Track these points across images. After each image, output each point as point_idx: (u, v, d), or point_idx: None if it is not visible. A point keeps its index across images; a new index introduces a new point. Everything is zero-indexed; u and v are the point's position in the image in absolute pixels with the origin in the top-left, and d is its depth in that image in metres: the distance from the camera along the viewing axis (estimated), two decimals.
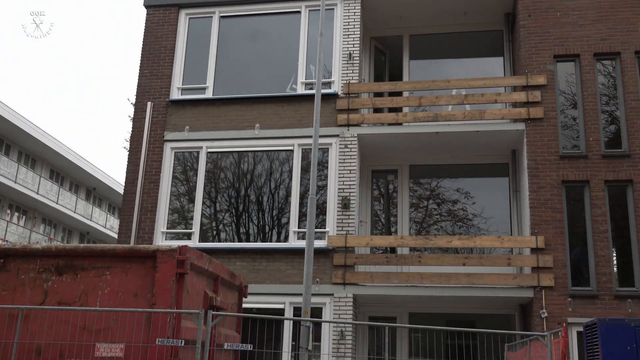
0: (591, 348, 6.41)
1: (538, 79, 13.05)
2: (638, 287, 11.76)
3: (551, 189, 12.47)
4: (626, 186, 12.35)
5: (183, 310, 6.93)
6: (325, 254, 12.79)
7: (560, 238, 12.19)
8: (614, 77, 13.08)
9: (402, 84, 14.30)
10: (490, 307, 13.27)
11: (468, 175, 14.70)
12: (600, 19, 13.23)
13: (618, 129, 12.81)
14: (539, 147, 12.73)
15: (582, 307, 11.75)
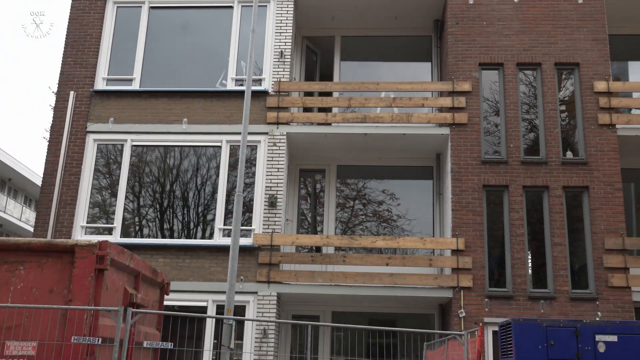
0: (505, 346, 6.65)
1: (463, 86, 13.43)
2: (550, 289, 12.29)
3: (472, 192, 12.85)
4: (542, 192, 12.88)
5: (101, 307, 6.72)
6: (251, 252, 12.72)
7: (480, 240, 12.58)
8: (535, 87, 13.61)
9: (332, 85, 14.41)
10: (411, 306, 13.56)
11: (394, 177, 14.96)
12: (524, 30, 13.74)
13: (537, 137, 13.34)
14: (462, 152, 13.10)
15: (498, 308, 12.17)
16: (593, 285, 12.24)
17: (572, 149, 13.18)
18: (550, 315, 11.95)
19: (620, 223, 12.49)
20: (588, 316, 11.92)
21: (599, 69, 13.38)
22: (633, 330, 6.28)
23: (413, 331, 9.63)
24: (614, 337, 6.21)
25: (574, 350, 6.18)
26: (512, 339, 6.36)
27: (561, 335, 6.24)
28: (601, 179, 12.75)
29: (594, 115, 13.11)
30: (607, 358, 6.14)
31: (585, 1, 13.79)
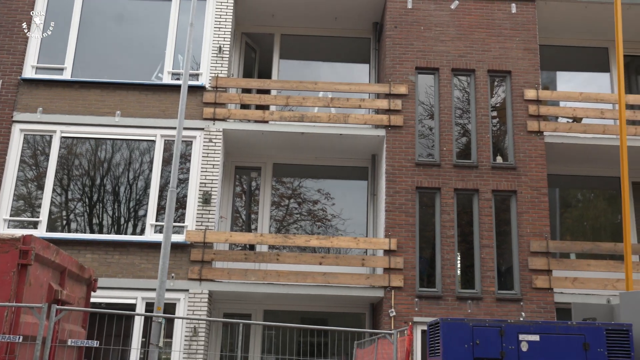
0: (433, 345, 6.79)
1: (400, 89, 13.63)
2: (478, 290, 12.63)
3: (406, 194, 13.07)
4: (473, 195, 13.23)
5: (23, 304, 6.46)
6: (183, 249, 12.53)
7: (412, 241, 12.81)
8: (468, 93, 13.96)
9: (270, 82, 14.35)
10: (343, 305, 13.68)
11: (330, 177, 15.05)
12: (459, 37, 14.07)
13: (469, 141, 13.69)
14: (397, 154, 13.30)
15: (427, 307, 12.42)
16: (518, 286, 12.65)
17: (502, 154, 13.59)
18: (477, 315, 12.28)
19: (545, 227, 12.96)
20: (513, 316, 12.33)
21: (530, 77, 13.85)
22: (554, 330, 6.52)
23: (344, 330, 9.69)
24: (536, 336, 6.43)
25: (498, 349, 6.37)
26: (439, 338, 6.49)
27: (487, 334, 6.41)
28: (528, 184, 13.20)
29: (524, 122, 13.56)
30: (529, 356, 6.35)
31: (518, 11, 14.24)
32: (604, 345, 6.37)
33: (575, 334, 6.44)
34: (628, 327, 6.48)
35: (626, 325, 6.50)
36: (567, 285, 12.66)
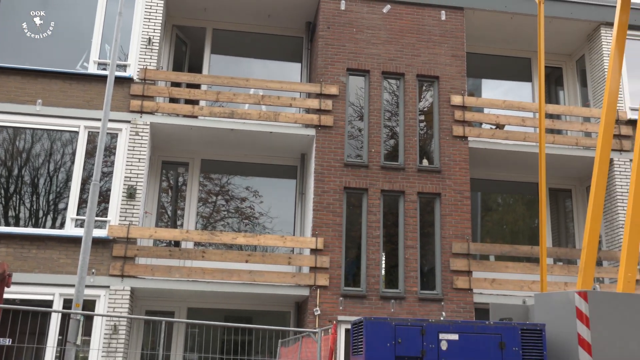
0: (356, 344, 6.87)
1: (331, 89, 13.72)
2: (401, 289, 12.88)
3: (334, 194, 13.17)
4: (399, 196, 13.47)
5: None
6: (105, 244, 12.17)
7: (338, 241, 12.92)
8: (398, 96, 14.21)
9: (201, 77, 14.14)
10: (269, 304, 13.64)
11: (258, 175, 14.97)
12: (390, 40, 14.30)
13: (396, 143, 13.93)
14: (326, 154, 13.39)
15: (352, 306, 12.56)
16: (440, 286, 12.98)
17: (428, 158, 13.91)
18: (400, 314, 12.52)
19: (467, 229, 13.36)
20: (434, 316, 12.63)
21: (456, 83, 14.24)
22: (472, 329, 6.72)
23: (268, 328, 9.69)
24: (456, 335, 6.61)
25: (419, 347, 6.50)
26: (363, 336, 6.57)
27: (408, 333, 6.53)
28: (452, 187, 13.56)
29: (449, 127, 13.92)
30: (448, 355, 6.52)
31: (448, 19, 14.61)
32: (518, 344, 6.61)
33: (492, 334, 6.65)
34: (541, 327, 6.75)
35: (540, 325, 6.78)
36: (486, 286, 13.09)
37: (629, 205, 7.95)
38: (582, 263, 8.24)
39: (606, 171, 8.66)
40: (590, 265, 8.16)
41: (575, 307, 6.60)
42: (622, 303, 6.85)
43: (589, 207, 8.42)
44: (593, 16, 15.10)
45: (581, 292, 6.68)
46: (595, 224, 8.30)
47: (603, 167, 8.56)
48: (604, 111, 8.83)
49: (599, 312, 6.60)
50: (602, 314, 6.62)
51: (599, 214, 8.38)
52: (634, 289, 7.69)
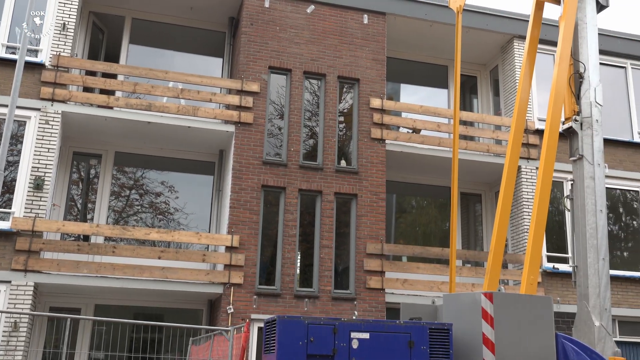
0: (269, 342, 6.84)
1: (252, 86, 13.63)
2: (315, 288, 12.96)
3: (251, 191, 13.09)
4: (316, 196, 13.55)
5: None
6: (7, 237, 11.58)
7: (254, 239, 12.85)
8: (318, 96, 14.29)
9: (118, 67, 13.70)
10: (181, 301, 13.40)
11: (175, 170, 14.68)
12: (313, 40, 14.37)
13: (316, 143, 14.01)
14: (245, 151, 13.29)
15: (266, 305, 12.53)
16: (353, 286, 13.16)
17: (346, 159, 14.07)
18: (313, 313, 12.60)
19: (381, 230, 13.61)
20: (346, 315, 12.79)
21: (376, 86, 14.47)
22: (383, 328, 6.84)
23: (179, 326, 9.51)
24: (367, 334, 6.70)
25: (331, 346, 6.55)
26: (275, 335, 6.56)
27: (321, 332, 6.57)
28: (369, 189, 13.77)
29: (368, 129, 14.13)
30: (359, 353, 6.61)
31: (370, 23, 14.83)
32: (427, 343, 6.78)
33: (402, 332, 6.80)
34: (449, 327, 6.96)
35: (447, 325, 6.98)
36: (397, 286, 13.38)
37: (534, 211, 8.33)
38: (488, 265, 8.56)
39: (514, 178, 9.03)
40: (496, 267, 8.49)
41: (481, 308, 6.84)
42: (524, 304, 7.16)
43: (497, 211, 8.76)
44: (507, 29, 15.73)
45: (487, 293, 6.93)
46: (502, 228, 8.64)
47: (511, 174, 8.92)
48: (514, 120, 9.20)
49: (503, 313, 6.87)
50: (506, 315, 6.90)
51: (506, 218, 8.73)
52: (535, 291, 8.06)
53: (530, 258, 8.06)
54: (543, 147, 8.63)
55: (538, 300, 7.33)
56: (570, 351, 7.16)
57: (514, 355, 6.80)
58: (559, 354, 7.09)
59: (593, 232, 8.60)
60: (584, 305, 8.45)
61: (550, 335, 7.06)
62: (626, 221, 16.11)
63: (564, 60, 9.01)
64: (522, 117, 9.22)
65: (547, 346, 7.01)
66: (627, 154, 15.74)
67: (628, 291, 14.72)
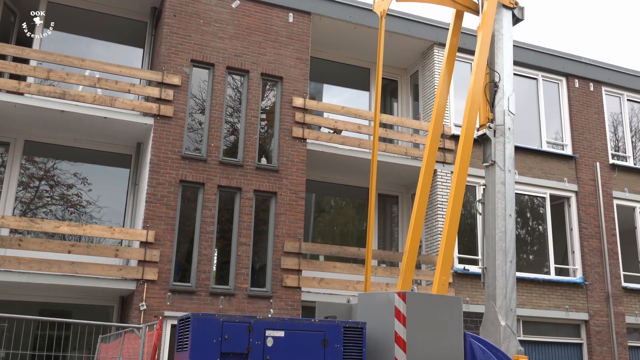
0: (182, 340, 6.72)
1: (173, 79, 13.36)
2: (231, 286, 12.85)
3: (169, 186, 12.83)
4: (235, 193, 13.44)
5: None
6: None
7: (170, 234, 12.60)
8: (241, 92, 14.18)
9: (31, 52, 13.08)
10: (91, 297, 12.96)
11: (89, 161, 14.17)
12: (237, 36, 14.24)
13: (236, 140, 13.89)
14: (164, 145, 13.01)
15: (180, 302, 12.31)
16: (270, 284, 13.14)
17: (267, 156, 14.03)
18: (229, 310, 12.49)
19: (300, 229, 13.65)
20: (262, 313, 12.76)
21: (299, 85, 14.51)
22: (298, 326, 6.86)
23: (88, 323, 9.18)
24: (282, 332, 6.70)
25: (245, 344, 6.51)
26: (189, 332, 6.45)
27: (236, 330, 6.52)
28: (288, 187, 13.79)
29: (290, 127, 14.15)
30: (273, 351, 6.60)
31: (295, 21, 14.85)
32: (340, 341, 6.86)
33: (316, 331, 6.84)
34: (363, 325, 7.07)
35: (361, 324, 7.09)
36: (314, 285, 13.47)
37: (447, 213, 8.58)
38: (403, 266, 8.75)
39: (430, 181, 9.27)
40: (410, 268, 8.69)
41: (394, 307, 6.99)
42: (436, 304, 7.37)
43: (412, 213, 8.97)
44: (428, 36, 16.14)
45: (400, 293, 7.08)
46: (417, 229, 8.85)
47: (427, 177, 9.16)
48: (432, 125, 9.46)
49: (415, 312, 7.04)
50: (418, 314, 7.07)
51: (421, 220, 8.95)
52: (446, 291, 8.31)
53: (442, 259, 8.29)
54: (458, 152, 8.91)
55: (448, 300, 7.55)
56: (477, 349, 7.42)
57: (425, 353, 6.98)
58: (466, 352, 7.34)
59: (502, 236, 8.96)
60: (491, 306, 8.79)
61: (459, 334, 7.29)
62: (532, 226, 16.89)
63: (480, 69, 9.33)
64: (439, 122, 9.48)
65: (455, 345, 7.24)
66: (536, 162, 16.51)
67: (532, 292, 15.44)
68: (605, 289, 16.28)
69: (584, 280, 16.11)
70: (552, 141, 17.17)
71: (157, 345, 8.14)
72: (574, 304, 15.85)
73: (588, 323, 15.91)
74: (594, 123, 17.63)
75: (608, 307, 16.14)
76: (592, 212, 16.80)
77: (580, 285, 16.06)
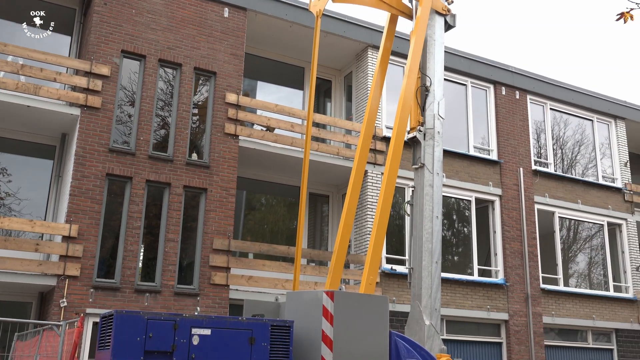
0: (104, 338, 6.54)
1: (102, 69, 12.97)
2: (157, 283, 12.60)
3: (95, 179, 12.45)
4: (164, 188, 13.18)
5: None
6: None
7: (95, 229, 12.23)
8: (173, 86, 13.91)
9: None
10: (8, 293, 12.43)
11: (9, 151, 13.58)
12: (170, 28, 13.96)
13: (167, 134, 13.63)
14: (90, 136, 12.62)
15: (103, 299, 11.97)
16: (197, 281, 12.96)
17: (198, 152, 13.83)
18: (154, 308, 12.24)
19: (229, 226, 13.53)
20: (189, 310, 12.57)
21: (233, 81, 14.37)
22: (224, 324, 6.80)
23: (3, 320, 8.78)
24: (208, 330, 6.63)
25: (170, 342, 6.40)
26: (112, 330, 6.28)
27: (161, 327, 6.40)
28: (219, 184, 13.64)
29: (222, 123, 13.99)
30: (199, 349, 6.52)
31: (230, 17, 14.69)
32: (268, 339, 6.84)
33: (243, 329, 6.80)
34: (290, 324, 7.07)
35: (289, 322, 7.09)
36: (242, 282, 13.37)
37: (377, 214, 8.70)
38: (332, 265, 8.81)
39: (360, 181, 9.37)
40: (338, 267, 8.76)
41: (322, 306, 7.03)
42: (363, 303, 7.45)
43: (342, 213, 9.04)
44: (362, 38, 16.31)
45: (328, 291, 7.13)
46: (346, 229, 8.93)
47: (358, 178, 9.26)
48: (364, 126, 9.56)
49: (342, 311, 7.10)
50: (345, 313, 7.14)
51: (350, 220, 9.03)
52: (374, 291, 8.43)
53: (370, 259, 8.40)
54: (389, 154, 9.04)
55: (375, 299, 7.66)
56: (401, 348, 7.56)
57: (351, 352, 7.05)
58: (391, 351, 7.46)
59: (429, 237, 9.16)
60: (416, 305, 8.97)
61: (384, 333, 7.41)
62: (458, 228, 17.35)
63: (412, 73, 9.50)
64: (371, 124, 9.59)
65: (381, 343, 7.35)
66: (463, 166, 16.97)
67: (456, 293, 15.87)
68: (525, 290, 16.91)
69: (505, 281, 16.68)
70: (478, 146, 17.69)
71: (77, 344, 7.89)
72: (495, 304, 16.39)
73: (508, 323, 16.49)
74: (519, 130, 18.28)
75: (527, 308, 16.77)
76: (514, 215, 17.41)
77: (502, 286, 16.62)
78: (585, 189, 18.99)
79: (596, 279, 19.26)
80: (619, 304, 18.47)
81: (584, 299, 17.90)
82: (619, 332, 18.21)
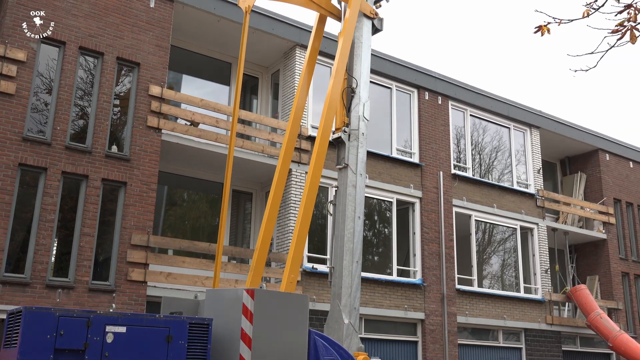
0: (10, 336, 6.24)
1: (18, 54, 12.40)
2: (71, 278, 12.16)
3: (6, 169, 11.88)
4: (81, 180, 12.73)
5: None
6: None
7: (4, 221, 11.68)
8: (94, 75, 13.46)
9: None
10: None
11: None
12: (93, 15, 13.50)
13: (86, 124, 13.17)
14: (3, 124, 12.03)
15: (11, 294, 11.44)
16: (113, 277, 12.59)
17: (118, 144, 13.44)
18: (67, 304, 11.80)
19: (149, 221, 13.22)
20: (104, 307, 12.20)
21: (157, 74, 14.04)
22: (141, 322, 6.63)
23: None
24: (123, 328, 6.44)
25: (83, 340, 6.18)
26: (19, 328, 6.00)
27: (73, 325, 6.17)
28: (140, 177, 13.30)
29: (144, 116, 13.65)
30: (113, 347, 6.32)
31: (156, 7, 14.36)
32: (185, 337, 6.72)
33: (160, 327, 6.65)
34: (209, 321, 6.97)
35: (207, 320, 6.99)
36: (161, 279, 13.10)
37: (300, 213, 8.71)
38: (253, 263, 8.75)
39: (284, 180, 9.36)
40: (260, 265, 8.71)
41: (242, 304, 6.97)
42: (283, 301, 7.45)
43: (265, 211, 9.00)
44: (291, 36, 16.31)
45: (249, 289, 7.08)
46: (269, 227, 8.89)
47: (282, 176, 9.24)
48: (289, 125, 9.55)
49: (262, 309, 7.07)
50: (265, 311, 7.11)
51: (273, 218, 9.00)
52: (294, 289, 8.44)
53: (292, 258, 8.40)
54: (313, 154, 9.07)
55: (296, 298, 7.67)
56: (320, 346, 7.60)
57: (269, 350, 7.03)
58: (310, 349, 7.49)
59: (350, 237, 9.26)
60: (336, 304, 9.05)
61: (304, 331, 7.43)
62: (379, 228, 17.65)
63: (339, 74, 9.57)
64: (297, 123, 9.60)
65: (300, 342, 7.37)
66: (386, 167, 17.28)
67: (375, 292, 16.13)
68: (441, 290, 17.39)
69: (423, 281, 17.11)
70: (401, 149, 18.05)
71: None
72: (412, 303, 16.78)
73: (424, 322, 16.91)
74: (440, 134, 18.78)
75: (442, 308, 17.26)
76: (433, 217, 17.87)
77: (419, 286, 17.03)
78: (501, 194, 19.74)
79: (508, 281, 20.06)
80: (529, 304, 19.31)
81: (496, 300, 18.60)
82: (528, 332, 19.04)
